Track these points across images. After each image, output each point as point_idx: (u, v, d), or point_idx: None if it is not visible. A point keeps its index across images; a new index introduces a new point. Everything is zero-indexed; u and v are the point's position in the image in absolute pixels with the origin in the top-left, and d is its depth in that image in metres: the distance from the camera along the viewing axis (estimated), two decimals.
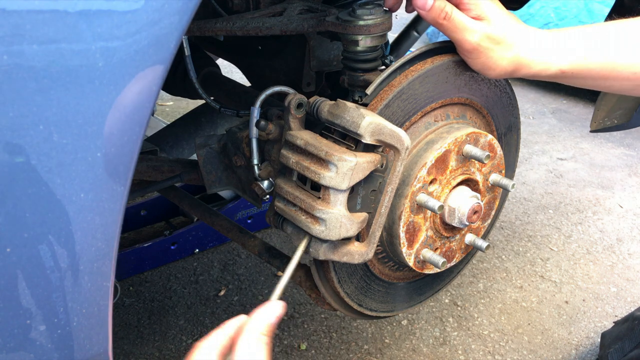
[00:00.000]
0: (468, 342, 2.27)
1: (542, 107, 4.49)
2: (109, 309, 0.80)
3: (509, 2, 1.26)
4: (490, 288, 2.56)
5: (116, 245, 0.77)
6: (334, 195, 1.01)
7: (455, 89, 1.21)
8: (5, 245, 0.68)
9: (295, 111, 1.10)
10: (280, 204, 1.10)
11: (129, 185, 0.75)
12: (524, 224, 3.02)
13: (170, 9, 0.70)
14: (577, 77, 1.12)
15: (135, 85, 0.70)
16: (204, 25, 1.24)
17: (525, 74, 1.12)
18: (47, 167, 0.67)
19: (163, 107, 4.15)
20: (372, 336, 2.28)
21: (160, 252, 2.57)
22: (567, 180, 3.46)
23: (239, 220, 2.74)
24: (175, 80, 1.81)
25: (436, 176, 1.18)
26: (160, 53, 0.70)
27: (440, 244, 1.26)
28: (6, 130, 0.64)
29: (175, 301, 2.42)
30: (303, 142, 1.04)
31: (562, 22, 4.45)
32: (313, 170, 1.01)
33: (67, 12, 0.64)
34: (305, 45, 1.53)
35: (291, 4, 1.27)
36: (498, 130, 1.38)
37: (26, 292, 0.71)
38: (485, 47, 1.07)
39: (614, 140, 3.88)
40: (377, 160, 1.03)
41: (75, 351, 0.78)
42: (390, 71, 1.13)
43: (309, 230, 1.04)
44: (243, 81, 1.87)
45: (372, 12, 1.12)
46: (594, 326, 2.37)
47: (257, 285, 2.52)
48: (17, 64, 0.63)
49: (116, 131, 0.70)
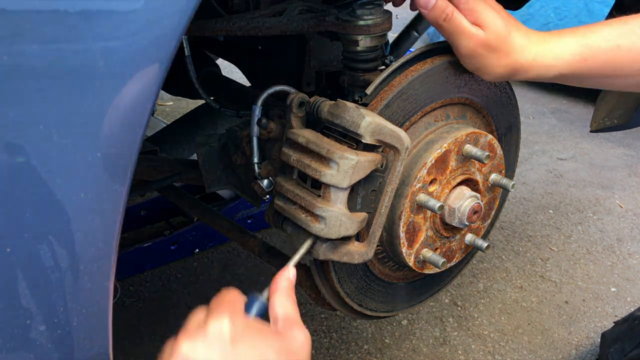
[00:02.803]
0: (468, 342, 2.27)
1: (542, 107, 4.49)
2: (109, 309, 0.80)
3: (508, 2, 1.26)
4: (490, 288, 2.56)
5: (116, 245, 0.77)
6: (334, 193, 1.01)
7: (455, 89, 1.21)
8: (5, 245, 0.68)
9: (297, 110, 1.10)
10: (280, 202, 1.10)
11: (129, 185, 0.75)
12: (524, 224, 3.02)
13: (170, 9, 0.70)
14: (578, 78, 1.12)
15: (135, 85, 0.69)
16: (204, 25, 1.24)
17: (523, 78, 1.12)
18: (47, 167, 0.67)
19: (163, 107, 4.15)
20: (372, 336, 2.28)
21: (160, 252, 2.57)
22: (567, 180, 3.46)
23: (239, 220, 2.74)
24: (175, 80, 1.80)
25: (436, 176, 1.18)
26: (160, 53, 0.70)
27: (440, 244, 1.26)
28: (6, 130, 0.64)
29: (175, 301, 2.41)
30: (305, 139, 1.04)
31: (562, 22, 4.45)
32: (314, 168, 1.01)
33: (67, 12, 0.64)
34: (305, 45, 1.53)
35: (291, 4, 1.27)
36: (498, 130, 1.38)
37: (26, 292, 0.71)
38: (480, 53, 1.07)
39: (614, 140, 3.88)
40: (377, 160, 1.03)
41: (75, 351, 0.78)
42: (390, 71, 1.13)
43: (309, 229, 1.03)
44: (243, 81, 1.87)
45: (372, 12, 1.12)
46: (594, 326, 2.37)
47: (257, 285, 2.52)
48: (17, 64, 0.63)
49: (116, 131, 0.70)
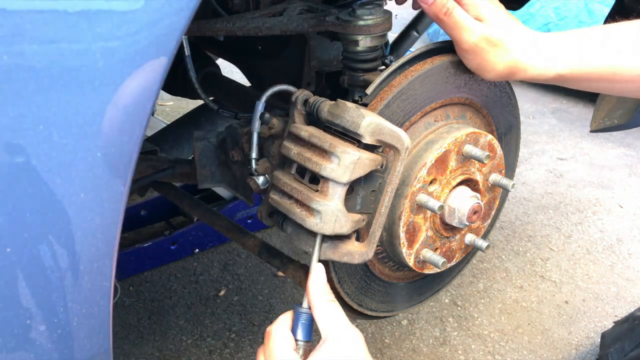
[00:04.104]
0: (468, 342, 2.27)
1: (542, 107, 4.49)
2: (109, 309, 0.80)
3: (509, 2, 1.26)
4: (490, 288, 2.56)
5: (116, 245, 0.77)
6: (332, 188, 1.00)
7: (455, 89, 1.21)
8: (5, 245, 0.68)
9: (302, 107, 1.11)
10: (276, 196, 1.09)
11: (129, 185, 0.75)
12: (524, 224, 3.02)
13: (170, 9, 0.70)
14: (577, 80, 1.11)
15: (135, 85, 0.70)
16: (204, 25, 1.24)
17: (522, 78, 1.12)
18: (47, 167, 0.67)
19: (163, 107, 4.15)
20: (372, 336, 2.28)
21: (160, 252, 2.57)
22: (567, 180, 3.46)
23: (239, 220, 2.74)
24: (175, 80, 1.81)
25: (436, 176, 1.18)
26: (160, 53, 0.70)
27: (440, 244, 1.26)
28: (6, 130, 0.64)
29: (175, 301, 2.42)
30: (307, 133, 1.04)
31: (562, 22, 4.45)
32: (314, 162, 1.01)
33: (67, 12, 0.64)
34: (305, 45, 1.53)
35: (291, 4, 1.27)
36: (498, 130, 1.38)
37: (26, 292, 0.71)
38: (482, 48, 1.07)
39: (614, 140, 3.88)
40: (377, 160, 1.03)
41: (75, 351, 0.78)
42: (390, 71, 1.13)
43: (303, 223, 1.03)
44: (243, 81, 1.87)
45: (372, 12, 1.12)
46: (594, 326, 2.37)
47: (257, 285, 2.52)
48: (17, 64, 0.63)
49: (116, 131, 0.70)
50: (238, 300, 2.43)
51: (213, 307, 2.39)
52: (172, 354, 2.17)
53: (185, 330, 2.27)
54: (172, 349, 2.19)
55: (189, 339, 2.23)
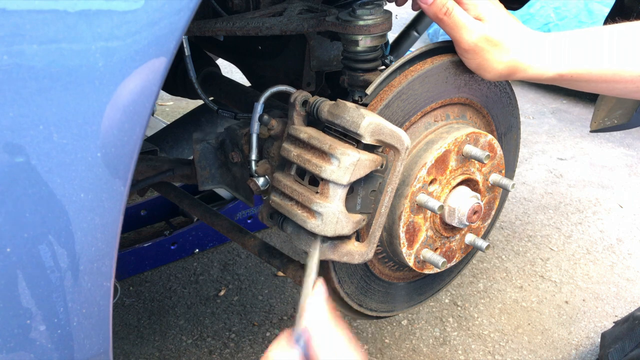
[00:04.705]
0: (468, 342, 2.27)
1: (542, 107, 4.49)
2: (109, 309, 0.80)
3: (509, 2, 1.26)
4: (490, 288, 2.56)
5: (116, 245, 0.77)
6: (333, 189, 1.00)
7: (455, 89, 1.21)
8: (5, 245, 0.68)
9: (301, 108, 1.10)
10: (277, 198, 1.09)
11: (129, 186, 0.75)
12: (524, 224, 3.02)
13: (170, 9, 0.70)
14: (577, 81, 1.12)
15: (135, 85, 0.70)
16: (204, 25, 1.24)
17: (522, 78, 1.12)
18: (47, 167, 0.67)
19: (163, 107, 4.15)
20: (372, 336, 2.28)
21: (160, 252, 2.57)
22: (567, 180, 3.46)
23: (239, 220, 2.74)
24: (175, 80, 1.81)
25: (436, 176, 1.18)
26: (160, 53, 0.70)
27: (440, 244, 1.26)
28: (6, 130, 0.64)
29: (175, 301, 2.41)
30: (307, 135, 1.04)
31: (562, 22, 4.45)
32: (314, 163, 1.01)
33: (67, 12, 0.64)
34: (305, 45, 1.53)
35: (291, 4, 1.27)
36: (498, 130, 1.38)
37: (26, 292, 0.71)
38: (482, 48, 1.07)
39: (614, 140, 3.88)
40: (377, 161, 1.03)
41: (75, 351, 0.78)
42: (390, 71, 1.13)
43: (304, 225, 1.03)
44: (243, 81, 1.87)
45: (372, 12, 1.12)
46: (594, 326, 2.37)
47: (257, 285, 2.52)
48: (17, 64, 0.63)
49: (116, 131, 0.70)
50: (238, 300, 2.43)
51: (213, 307, 2.39)
52: (172, 354, 2.17)
53: (185, 330, 2.27)
54: (172, 349, 2.19)
55: (189, 339, 2.23)
